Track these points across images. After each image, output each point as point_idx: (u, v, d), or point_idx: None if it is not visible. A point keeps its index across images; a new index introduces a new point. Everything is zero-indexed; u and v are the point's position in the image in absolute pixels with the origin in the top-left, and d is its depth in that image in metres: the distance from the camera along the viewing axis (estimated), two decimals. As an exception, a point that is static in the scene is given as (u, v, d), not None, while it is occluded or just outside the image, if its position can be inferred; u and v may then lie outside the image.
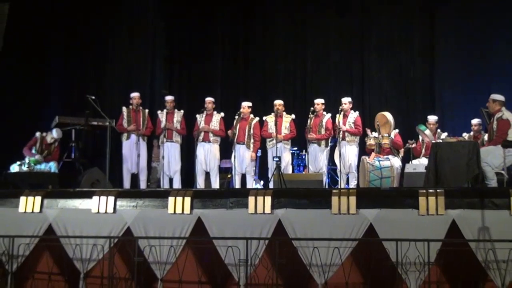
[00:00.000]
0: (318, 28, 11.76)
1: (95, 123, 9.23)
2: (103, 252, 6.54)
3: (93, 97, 8.46)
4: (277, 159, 8.22)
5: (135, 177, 9.13)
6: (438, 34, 11.00)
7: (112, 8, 11.25)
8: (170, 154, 9.07)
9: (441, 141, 8.29)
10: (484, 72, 10.44)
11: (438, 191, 6.11)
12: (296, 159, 9.99)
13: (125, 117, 9.09)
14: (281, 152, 8.68)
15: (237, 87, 12.07)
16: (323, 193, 6.68)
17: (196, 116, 9.20)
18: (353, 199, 6.20)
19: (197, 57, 12.12)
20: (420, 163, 8.24)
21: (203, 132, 9.02)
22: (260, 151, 9.36)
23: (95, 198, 6.84)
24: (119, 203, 6.83)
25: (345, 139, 8.78)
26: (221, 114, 9.24)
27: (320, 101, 9.01)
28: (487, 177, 6.79)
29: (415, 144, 8.94)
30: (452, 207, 6.03)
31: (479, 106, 7.80)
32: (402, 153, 8.88)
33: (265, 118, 9.16)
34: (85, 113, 8.86)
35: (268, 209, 6.37)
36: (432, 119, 8.99)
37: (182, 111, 9.35)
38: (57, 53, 10.96)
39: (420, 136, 8.90)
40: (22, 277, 7.02)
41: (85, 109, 8.81)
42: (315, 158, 8.88)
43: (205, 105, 9.15)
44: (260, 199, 6.40)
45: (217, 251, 6.34)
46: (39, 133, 8.97)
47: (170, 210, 6.60)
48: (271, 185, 8.19)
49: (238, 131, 8.93)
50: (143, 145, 9.10)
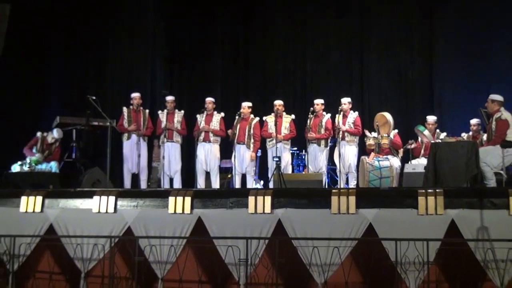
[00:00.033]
0: (318, 28, 11.76)
1: (95, 123, 9.24)
2: (104, 252, 6.56)
3: (93, 97, 8.47)
4: (277, 159, 8.22)
5: (135, 177, 9.13)
6: (437, 34, 11.00)
7: (112, 8, 11.24)
8: (171, 154, 9.06)
9: (440, 141, 8.31)
10: (483, 72, 10.44)
11: (437, 191, 6.11)
12: (296, 159, 9.99)
13: (125, 117, 9.10)
14: (281, 152, 8.68)
15: (237, 87, 12.07)
16: (322, 193, 6.69)
17: (197, 116, 9.20)
18: (352, 199, 6.22)
19: (197, 57, 12.11)
20: (419, 163, 8.25)
21: (203, 132, 9.02)
22: (260, 151, 9.36)
23: (96, 198, 6.86)
24: (119, 203, 6.85)
25: (344, 139, 8.78)
26: (221, 114, 9.23)
27: (319, 101, 9.01)
28: (486, 177, 6.78)
29: (415, 144, 8.97)
30: (451, 207, 6.04)
31: (478, 106, 7.80)
32: (401, 153, 8.89)
33: (265, 118, 9.15)
34: (86, 113, 8.87)
35: (268, 209, 6.39)
36: (431, 119, 9.02)
37: (182, 111, 9.35)
38: (57, 53, 10.96)
39: (419, 137, 8.94)
40: (23, 276, 7.04)
41: (86, 109, 8.83)
42: (315, 158, 8.88)
43: (206, 105, 9.14)
44: (260, 199, 6.41)
45: (217, 251, 6.34)
46: (40, 133, 8.98)
47: (171, 210, 6.61)
48: (271, 185, 8.20)
49: (238, 131, 8.93)
50: (144, 145, 9.10)
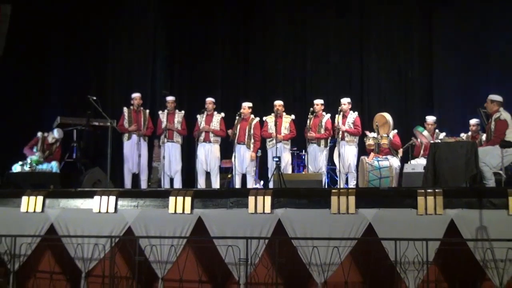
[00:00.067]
0: (318, 28, 11.75)
1: (96, 123, 9.26)
2: (104, 252, 6.57)
3: (94, 98, 8.49)
4: (277, 159, 8.23)
5: (136, 177, 9.15)
6: (437, 35, 11.00)
7: (112, 9, 11.24)
8: (171, 154, 9.07)
9: (439, 141, 8.33)
10: (482, 73, 10.45)
11: (437, 191, 6.12)
12: (295, 159, 9.99)
13: (126, 117, 9.12)
14: (281, 152, 8.69)
15: (237, 88, 12.06)
16: (322, 193, 6.70)
17: (197, 117, 9.21)
18: (352, 199, 6.23)
19: (198, 57, 12.11)
20: (419, 163, 8.26)
21: (203, 132, 9.03)
22: (260, 151, 9.36)
23: (97, 198, 6.88)
24: (120, 202, 6.86)
25: (344, 139, 8.79)
26: (222, 114, 9.24)
27: (319, 101, 9.03)
28: (485, 177, 6.80)
29: (416, 142, 8.99)
30: (450, 206, 6.05)
31: (477, 106, 7.81)
32: (401, 153, 8.91)
33: (265, 118, 9.17)
34: (87, 113, 8.89)
35: (268, 209, 6.40)
36: (430, 119, 9.04)
37: (183, 111, 9.36)
38: (58, 53, 10.96)
39: (418, 137, 8.95)
40: (24, 276, 7.05)
41: (87, 109, 8.85)
42: (315, 158, 8.89)
43: (206, 106, 9.16)
44: (260, 199, 6.42)
45: (218, 251, 6.36)
46: (40, 133, 8.99)
47: (171, 210, 6.63)
48: (271, 185, 8.21)
49: (238, 131, 8.94)
50: (144, 145, 9.12)
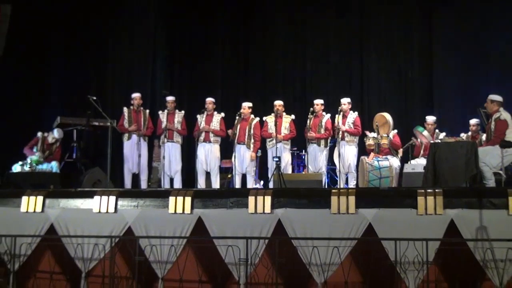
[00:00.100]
0: (318, 28, 11.76)
1: (96, 123, 9.26)
2: (104, 252, 6.58)
3: (94, 98, 8.50)
4: (276, 159, 8.23)
5: (136, 177, 9.16)
6: (437, 35, 11.00)
7: (112, 9, 11.25)
8: (171, 154, 9.08)
9: (439, 141, 8.34)
10: (482, 73, 10.45)
11: (437, 191, 6.12)
12: (295, 159, 9.99)
13: (126, 117, 9.13)
14: (281, 152, 8.70)
15: (237, 88, 12.07)
16: (322, 193, 6.71)
17: (197, 117, 9.22)
18: (352, 199, 6.23)
19: (198, 57, 12.11)
20: (419, 163, 8.26)
21: (203, 132, 9.04)
22: (260, 151, 9.36)
23: (97, 198, 6.89)
24: (120, 202, 6.86)
25: (344, 139, 8.79)
26: (222, 114, 9.25)
27: (319, 101, 9.03)
28: (485, 177, 6.80)
29: (416, 141, 8.99)
30: (450, 206, 6.05)
31: (477, 106, 7.81)
32: (400, 153, 8.92)
33: (265, 118, 9.17)
34: (87, 113, 8.90)
35: (268, 209, 6.40)
36: (430, 119, 9.05)
37: (183, 111, 9.37)
38: (58, 53, 10.96)
39: (418, 137, 8.96)
40: (24, 276, 7.06)
41: (87, 109, 8.86)
42: (315, 158, 8.89)
43: (206, 106, 9.17)
44: (260, 199, 6.43)
45: (218, 251, 6.36)
46: (40, 133, 9.00)
47: (171, 210, 6.63)
48: (271, 185, 8.22)
49: (238, 131, 8.95)
50: (144, 145, 9.13)
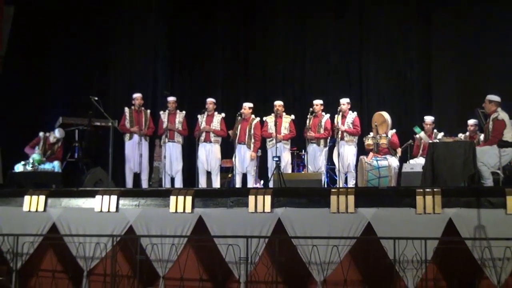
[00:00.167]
0: (317, 29, 11.76)
1: (98, 123, 9.27)
2: (106, 250, 6.63)
3: (96, 98, 8.58)
4: (276, 158, 8.26)
5: (137, 177, 9.21)
6: (435, 36, 10.99)
7: (114, 10, 11.26)
8: (172, 154, 9.15)
9: (437, 141, 8.37)
10: (480, 73, 10.45)
11: (435, 190, 6.15)
12: (295, 159, 10.01)
13: (127, 117, 9.19)
14: (281, 152, 8.73)
15: (238, 88, 12.09)
16: (322, 192, 6.74)
17: (198, 117, 9.27)
18: (351, 198, 6.26)
19: (198, 58, 12.13)
20: (417, 163, 8.28)
21: (204, 133, 9.08)
22: (260, 151, 9.40)
23: (98, 197, 6.93)
24: (121, 202, 6.90)
25: (343, 139, 8.82)
26: (222, 114, 9.29)
27: (318, 102, 9.07)
28: (483, 176, 6.84)
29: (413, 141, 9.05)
30: (449, 206, 6.07)
31: (475, 106, 7.85)
32: (399, 152, 8.96)
33: (265, 118, 9.21)
34: (88, 113, 8.94)
35: (268, 208, 6.43)
36: (428, 119, 9.08)
37: (184, 112, 9.41)
38: (60, 54, 10.94)
39: (416, 136, 9.00)
40: (27, 275, 7.10)
41: (88, 109, 8.91)
42: (314, 158, 8.93)
43: (206, 106, 9.21)
44: (260, 198, 6.46)
45: (218, 249, 6.40)
46: (42, 133, 9.00)
47: (172, 209, 6.67)
48: (271, 185, 8.25)
49: (239, 131, 8.99)
50: (145, 145, 9.18)
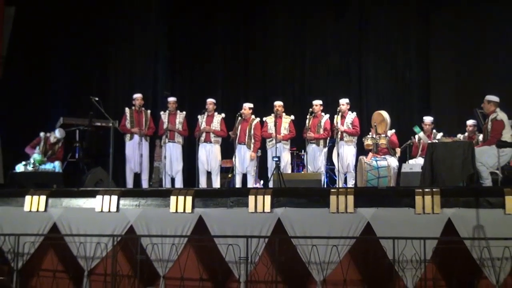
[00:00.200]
0: (317, 29, 11.77)
1: (98, 123, 9.29)
2: (107, 250, 6.66)
3: (96, 99, 8.61)
4: (276, 159, 8.27)
5: (137, 177, 9.23)
6: (434, 36, 11.00)
7: (114, 11, 11.29)
8: (172, 154, 9.17)
9: (436, 141, 8.39)
10: (479, 74, 10.46)
11: (434, 190, 6.17)
12: (295, 159, 10.01)
13: (128, 118, 9.21)
14: (281, 152, 8.75)
15: (238, 88, 12.09)
16: (321, 192, 6.76)
17: (198, 117, 9.29)
18: (351, 198, 6.29)
19: (198, 58, 12.14)
20: (417, 163, 8.29)
21: (204, 133, 9.10)
22: (260, 151, 9.42)
23: (99, 197, 6.96)
24: (122, 202, 6.92)
25: (343, 139, 8.84)
26: (222, 115, 9.31)
27: (318, 102, 9.08)
28: (481, 176, 6.86)
29: (413, 141, 9.06)
30: (447, 206, 6.09)
31: (474, 107, 7.87)
32: (398, 153, 8.98)
33: (265, 119, 9.23)
34: (89, 114, 8.97)
35: (268, 208, 6.45)
36: (428, 119, 9.09)
37: (184, 112, 9.43)
38: (61, 54, 10.97)
39: (416, 136, 9.02)
40: (28, 274, 7.13)
41: (89, 110, 8.94)
42: (314, 158, 8.95)
43: (206, 106, 9.24)
44: (260, 198, 6.48)
45: (218, 249, 6.42)
46: (43, 133, 9.01)
47: (172, 209, 6.69)
48: (271, 185, 8.26)
49: (239, 132, 9.01)
50: (146, 145, 9.21)
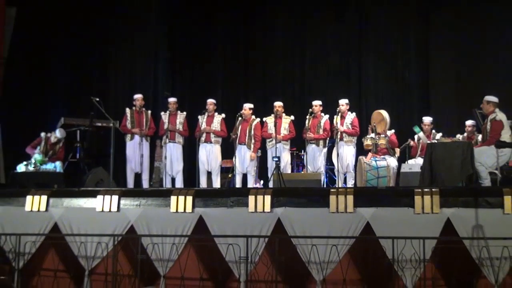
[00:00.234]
0: (317, 30, 11.78)
1: (99, 124, 9.33)
2: (107, 250, 6.68)
3: (97, 99, 8.64)
4: (276, 159, 8.29)
5: (138, 177, 9.25)
6: (434, 37, 11.01)
7: (114, 11, 11.31)
8: (173, 154, 9.20)
9: (436, 141, 8.41)
10: (478, 74, 10.47)
11: (433, 190, 6.19)
12: (295, 159, 10.02)
13: (128, 118, 9.23)
14: (280, 152, 8.77)
15: (238, 89, 12.11)
16: (321, 192, 6.79)
17: (198, 118, 9.32)
18: (350, 198, 6.31)
19: (199, 59, 12.16)
20: (416, 163, 8.31)
21: (204, 133, 9.13)
22: (260, 151, 9.44)
23: (100, 197, 6.98)
24: (122, 202, 6.95)
25: (342, 139, 8.87)
26: (222, 115, 9.34)
27: (317, 102, 9.10)
28: (480, 176, 6.89)
29: (412, 143, 9.06)
30: (447, 205, 6.12)
31: (473, 107, 7.89)
32: (398, 153, 8.99)
33: (265, 119, 9.25)
34: (90, 114, 9.00)
35: (268, 208, 6.47)
36: (427, 120, 9.11)
37: (184, 112, 9.45)
38: (61, 55, 10.99)
39: (415, 136, 9.05)
40: (29, 274, 7.17)
41: (90, 110, 8.98)
42: (314, 158, 8.97)
43: (207, 107, 9.26)
44: (260, 198, 6.50)
45: (218, 249, 6.44)
46: (43, 134, 9.02)
47: (173, 209, 6.72)
48: (271, 185, 8.28)
49: (239, 132, 9.04)
50: (146, 145, 9.24)
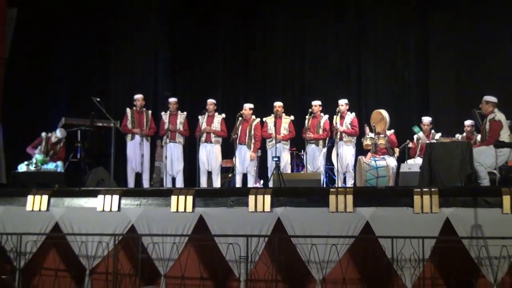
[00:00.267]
0: (317, 31, 11.80)
1: (100, 124, 9.36)
2: (108, 249, 6.69)
3: (98, 99, 8.66)
4: (276, 159, 8.32)
5: (139, 176, 9.27)
6: (433, 37, 11.03)
7: (115, 12, 11.34)
8: (173, 154, 9.23)
9: (435, 141, 8.44)
10: (478, 74, 10.48)
11: (433, 190, 6.20)
12: (294, 159, 10.04)
13: (129, 118, 9.26)
14: (280, 152, 8.80)
15: (238, 89, 12.14)
16: (321, 192, 6.79)
17: (198, 118, 9.34)
18: (350, 198, 6.32)
19: (199, 59, 12.19)
20: (415, 163, 8.34)
21: (205, 133, 9.16)
22: (260, 151, 9.47)
23: (100, 197, 7.00)
24: (123, 201, 6.97)
25: (342, 139, 8.89)
26: (222, 115, 9.37)
27: (317, 102, 9.13)
28: (479, 176, 6.91)
29: (411, 144, 9.10)
30: (446, 205, 6.13)
31: (472, 107, 7.92)
32: (397, 153, 9.02)
33: (265, 119, 9.28)
34: (91, 114, 9.02)
35: (268, 208, 6.49)
36: (426, 120, 9.14)
37: (185, 112, 9.48)
38: (62, 55, 11.01)
39: (415, 136, 9.08)
40: (30, 273, 7.18)
41: (91, 110, 8.99)
42: (313, 158, 9.00)
43: (207, 107, 9.29)
44: (260, 197, 6.52)
45: (218, 248, 6.46)
46: (44, 134, 9.04)
47: (173, 209, 6.73)
48: (271, 184, 8.30)
49: (240, 132, 9.07)
50: (147, 145, 9.26)
